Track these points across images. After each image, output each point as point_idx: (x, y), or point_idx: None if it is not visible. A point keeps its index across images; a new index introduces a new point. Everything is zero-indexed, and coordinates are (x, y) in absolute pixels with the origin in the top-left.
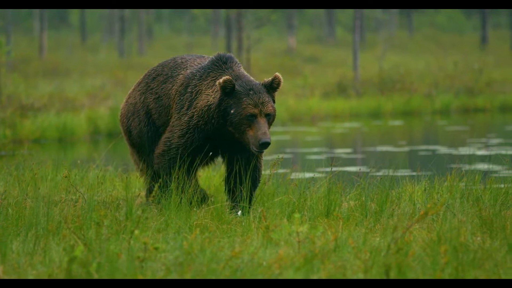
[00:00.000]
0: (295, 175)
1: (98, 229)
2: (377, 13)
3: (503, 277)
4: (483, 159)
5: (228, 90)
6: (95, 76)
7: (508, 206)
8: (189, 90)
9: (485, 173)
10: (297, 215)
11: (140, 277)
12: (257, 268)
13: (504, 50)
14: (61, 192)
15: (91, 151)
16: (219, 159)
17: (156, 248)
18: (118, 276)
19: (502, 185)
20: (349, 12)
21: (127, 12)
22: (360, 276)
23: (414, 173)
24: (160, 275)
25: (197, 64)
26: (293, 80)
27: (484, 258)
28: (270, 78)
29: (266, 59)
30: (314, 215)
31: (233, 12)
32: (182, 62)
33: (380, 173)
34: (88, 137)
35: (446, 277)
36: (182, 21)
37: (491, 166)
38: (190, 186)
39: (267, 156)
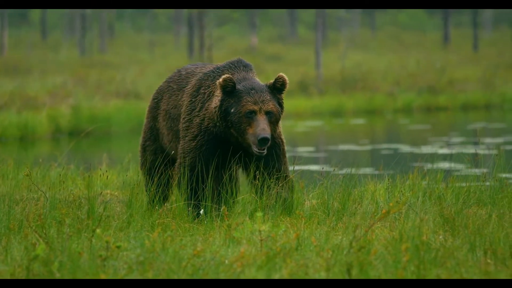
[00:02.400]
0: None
1: (60, 227)
2: (340, 11)
3: (465, 275)
4: (445, 157)
5: (228, 89)
6: (56, 74)
7: (470, 205)
8: (202, 91)
9: (447, 172)
10: (259, 214)
11: (102, 275)
12: (219, 267)
13: (466, 49)
14: (23, 190)
15: (53, 150)
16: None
17: (118, 247)
18: (80, 274)
19: (464, 184)
20: (311, 11)
21: (88, 10)
22: (322, 274)
23: (376, 172)
24: (122, 273)
25: (208, 68)
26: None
27: (445, 256)
28: (273, 79)
29: (228, 57)
30: (277, 213)
31: (194, 10)
32: (186, 74)
33: (342, 172)
34: (49, 135)
35: (408, 275)
36: (143, 19)
37: (453, 164)
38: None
39: None
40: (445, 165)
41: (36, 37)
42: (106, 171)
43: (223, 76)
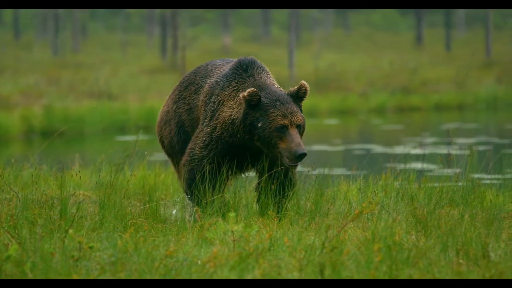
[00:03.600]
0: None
1: (32, 228)
2: (313, 11)
3: (437, 275)
4: (417, 158)
5: (254, 103)
6: (29, 75)
7: (442, 205)
8: (212, 100)
9: (420, 172)
10: (232, 214)
11: (74, 276)
12: (192, 267)
13: (439, 49)
14: None
15: (25, 150)
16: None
17: (90, 247)
18: (53, 275)
19: (437, 184)
20: (284, 11)
21: (61, 9)
22: (295, 274)
23: (349, 172)
24: (94, 274)
25: (222, 71)
26: None
27: (418, 256)
28: (295, 87)
29: (202, 57)
30: (249, 214)
31: (168, 10)
32: (211, 69)
33: (315, 172)
34: (22, 136)
35: (380, 275)
36: (116, 19)
37: (425, 165)
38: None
39: None
40: (417, 165)
41: (9, 37)
42: (79, 172)
43: (248, 91)
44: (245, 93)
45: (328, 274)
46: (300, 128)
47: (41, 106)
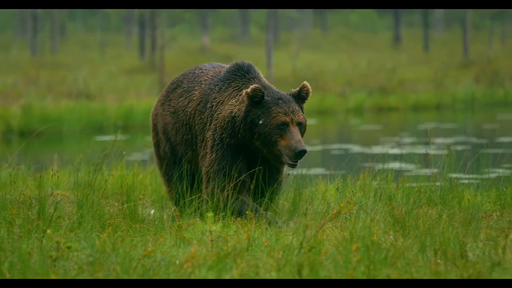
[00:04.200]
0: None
1: (10, 228)
2: (291, 12)
3: (415, 275)
4: (395, 158)
5: (257, 99)
6: (7, 75)
7: (420, 205)
8: (209, 106)
9: (398, 172)
10: (210, 214)
11: (52, 276)
12: (170, 267)
13: (417, 49)
14: None
15: (4, 150)
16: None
17: (68, 247)
18: (30, 275)
19: (415, 184)
20: (263, 11)
21: (40, 9)
22: (273, 274)
23: (327, 172)
24: (72, 274)
25: (211, 76)
26: None
27: (396, 256)
28: (298, 88)
29: (180, 57)
30: (227, 214)
31: (146, 10)
32: (198, 74)
33: (293, 172)
34: (0, 136)
35: (358, 275)
36: (95, 19)
37: (403, 165)
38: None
39: None
40: (396, 165)
41: None
42: (57, 172)
43: (252, 87)
44: (249, 89)
45: (306, 274)
46: (301, 126)
47: (19, 106)
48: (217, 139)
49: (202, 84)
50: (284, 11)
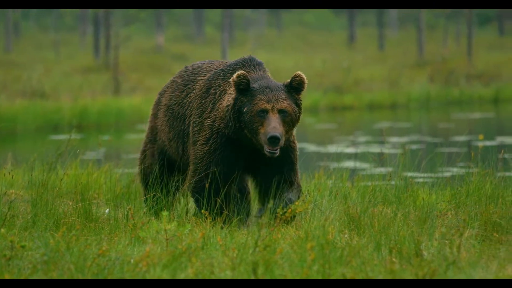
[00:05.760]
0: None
1: None
2: (246, 11)
3: (370, 274)
4: (350, 157)
5: (242, 87)
6: None
7: (375, 204)
8: (212, 91)
9: (353, 171)
10: (165, 213)
11: (6, 275)
12: (124, 266)
13: (372, 48)
14: None
15: None
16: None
17: (22, 246)
18: None
19: (370, 183)
20: (218, 10)
21: None
22: (228, 273)
23: None
24: (26, 273)
25: (216, 66)
26: (161, 78)
27: (351, 255)
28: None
29: (135, 57)
30: (182, 212)
31: (100, 10)
32: (193, 71)
33: None
34: None
35: (313, 274)
36: (49, 18)
37: (358, 164)
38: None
39: (135, 154)
40: (350, 164)
41: None
42: (11, 170)
43: (237, 73)
44: (234, 76)
45: (261, 273)
46: (285, 115)
47: None
48: (214, 130)
49: (208, 73)
50: (239, 11)
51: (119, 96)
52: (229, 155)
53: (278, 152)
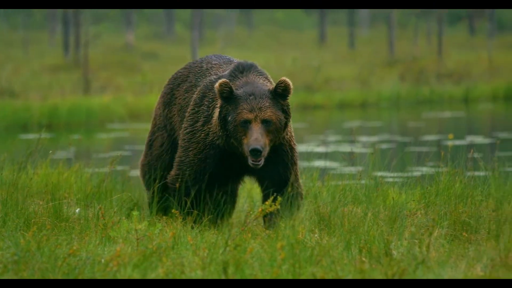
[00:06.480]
0: (134, 172)
1: None
2: (216, 9)
3: (340, 273)
4: (321, 156)
5: (225, 95)
6: None
7: (346, 203)
8: (205, 103)
9: (323, 170)
10: (135, 213)
11: None
12: (95, 266)
13: (342, 47)
14: None
15: None
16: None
17: None
18: None
19: (340, 182)
20: (188, 9)
21: None
22: (199, 273)
23: None
24: None
25: (221, 72)
26: (131, 77)
27: (321, 254)
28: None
29: (105, 55)
30: (153, 212)
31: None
32: (207, 68)
33: None
34: None
35: (283, 273)
36: (18, 16)
37: (328, 163)
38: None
39: (105, 153)
40: (321, 163)
41: None
42: None
43: (219, 81)
44: (217, 84)
45: (231, 272)
46: (269, 124)
47: None
48: (207, 143)
49: (208, 78)
50: (209, 10)
51: (89, 95)
52: (220, 165)
53: (262, 163)
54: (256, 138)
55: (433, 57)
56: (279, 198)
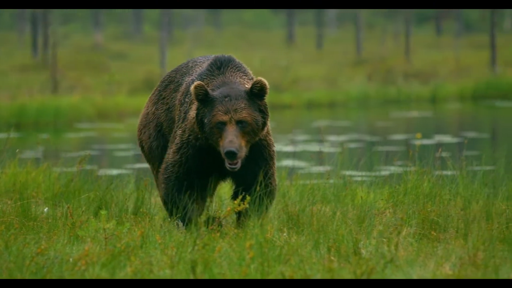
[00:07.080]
0: (103, 172)
1: None
2: (185, 9)
3: (308, 272)
4: (289, 155)
5: (201, 97)
6: None
7: (314, 202)
8: (186, 100)
9: (291, 170)
10: (103, 212)
11: None
12: (63, 265)
13: (310, 47)
14: None
15: None
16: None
17: None
18: None
19: (308, 182)
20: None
21: None
22: (167, 272)
23: None
24: None
25: (200, 69)
26: (100, 77)
27: (290, 253)
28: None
29: (73, 55)
30: (121, 211)
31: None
32: (191, 66)
33: None
34: None
35: (252, 272)
36: None
37: (297, 162)
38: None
39: (74, 153)
40: (289, 162)
41: None
42: None
43: (194, 83)
44: (192, 87)
45: (200, 271)
46: (245, 125)
47: None
48: (184, 140)
49: (191, 76)
50: (178, 9)
51: (57, 95)
52: (199, 164)
53: (239, 166)
54: (231, 140)
55: (400, 57)
56: (248, 197)
